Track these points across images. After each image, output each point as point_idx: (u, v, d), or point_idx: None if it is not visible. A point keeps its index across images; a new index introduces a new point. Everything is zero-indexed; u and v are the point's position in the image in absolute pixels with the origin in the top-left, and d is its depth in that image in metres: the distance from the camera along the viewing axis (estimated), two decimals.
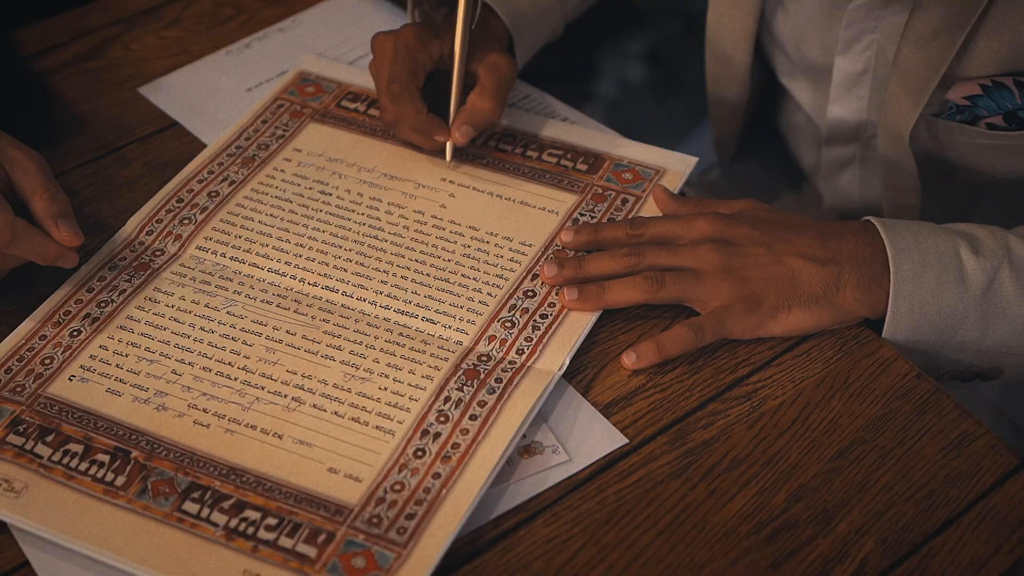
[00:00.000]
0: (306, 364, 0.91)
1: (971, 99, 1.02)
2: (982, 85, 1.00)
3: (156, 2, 1.27)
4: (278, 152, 1.09)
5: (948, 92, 1.02)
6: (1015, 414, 1.19)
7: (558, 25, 1.21)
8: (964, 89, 1.01)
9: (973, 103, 1.02)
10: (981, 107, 1.02)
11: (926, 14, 1.00)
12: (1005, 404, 1.19)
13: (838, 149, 1.21)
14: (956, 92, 1.02)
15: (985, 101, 1.01)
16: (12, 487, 0.84)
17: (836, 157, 1.22)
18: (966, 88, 1.01)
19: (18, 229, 0.92)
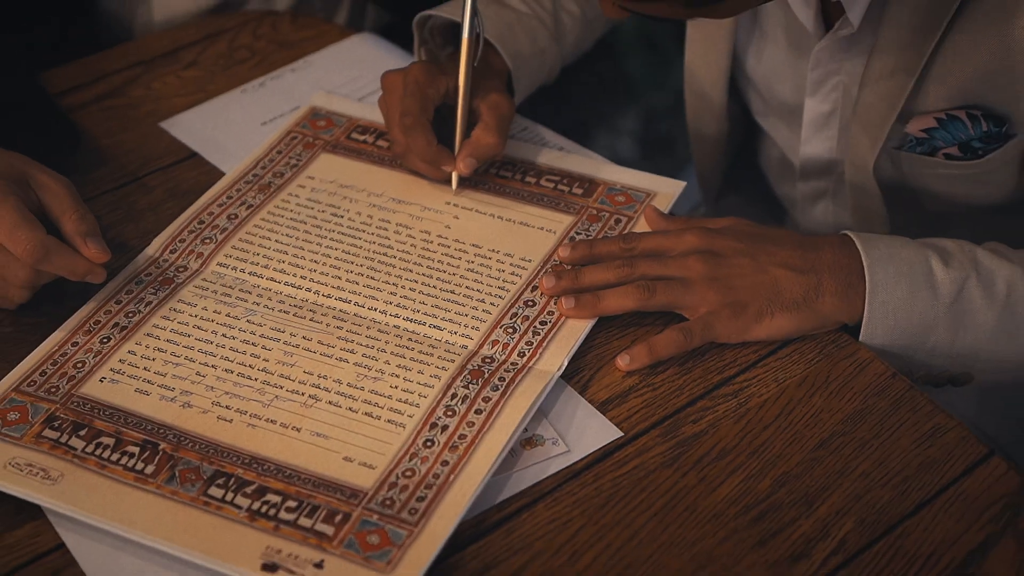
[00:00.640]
0: (322, 365, 0.98)
1: (928, 132, 1.09)
2: (937, 118, 1.08)
3: (175, 45, 1.35)
4: (292, 179, 1.16)
5: (906, 126, 1.10)
6: (989, 428, 1.25)
7: (554, 66, 1.29)
8: (921, 123, 1.09)
9: (930, 135, 1.10)
10: (938, 139, 1.09)
11: (883, 55, 1.08)
12: (980, 417, 1.25)
13: (812, 184, 1.28)
14: (914, 125, 1.10)
15: (941, 133, 1.09)
16: (49, 475, 0.90)
17: (810, 191, 1.29)
18: (923, 122, 1.09)
19: (50, 246, 0.99)
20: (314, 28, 1.38)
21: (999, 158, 1.09)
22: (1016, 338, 1.04)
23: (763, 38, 1.21)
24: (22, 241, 0.97)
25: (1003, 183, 1.13)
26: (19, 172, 1.03)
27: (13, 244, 0.98)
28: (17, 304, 1.03)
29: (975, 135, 1.07)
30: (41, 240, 0.98)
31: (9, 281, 1.01)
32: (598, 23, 1.33)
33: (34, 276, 1.01)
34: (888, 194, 1.18)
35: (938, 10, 1.02)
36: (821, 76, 1.16)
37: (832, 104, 1.18)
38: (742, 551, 0.87)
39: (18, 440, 0.92)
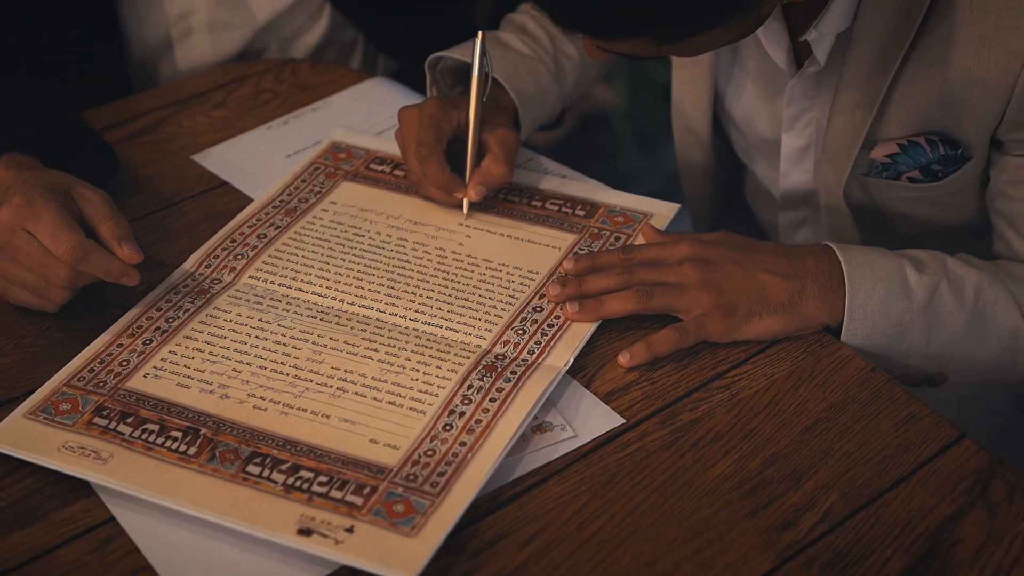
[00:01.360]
0: (348, 361, 1.06)
1: (892, 157, 1.19)
2: (899, 144, 1.18)
3: (204, 88, 1.45)
4: (316, 204, 1.25)
5: (872, 152, 1.20)
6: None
7: (556, 105, 1.39)
8: (885, 149, 1.19)
9: (894, 160, 1.19)
10: (901, 163, 1.19)
11: (848, 90, 1.18)
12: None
13: (791, 213, 1.38)
14: (878, 151, 1.19)
15: (903, 158, 1.19)
16: (100, 456, 0.98)
17: (791, 220, 1.39)
18: (886, 148, 1.19)
19: (89, 248, 1.08)
20: (332, 73, 1.48)
21: (958, 180, 1.18)
22: (985, 339, 1.13)
23: (742, 78, 1.31)
24: (63, 243, 1.06)
25: (965, 205, 1.23)
26: (62, 185, 1.12)
27: (55, 245, 1.07)
28: (58, 305, 1.12)
29: (934, 159, 1.17)
30: (80, 242, 1.07)
31: (51, 281, 1.09)
32: (594, 66, 1.44)
33: (74, 277, 1.09)
34: (860, 218, 1.27)
35: (892, 48, 1.12)
36: (796, 112, 1.26)
37: (807, 138, 1.28)
38: (736, 520, 0.95)
39: (70, 427, 1.00)
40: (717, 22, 0.98)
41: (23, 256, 1.09)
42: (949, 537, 0.94)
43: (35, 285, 1.10)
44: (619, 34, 0.99)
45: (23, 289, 1.11)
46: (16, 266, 1.10)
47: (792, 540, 0.94)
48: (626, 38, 0.99)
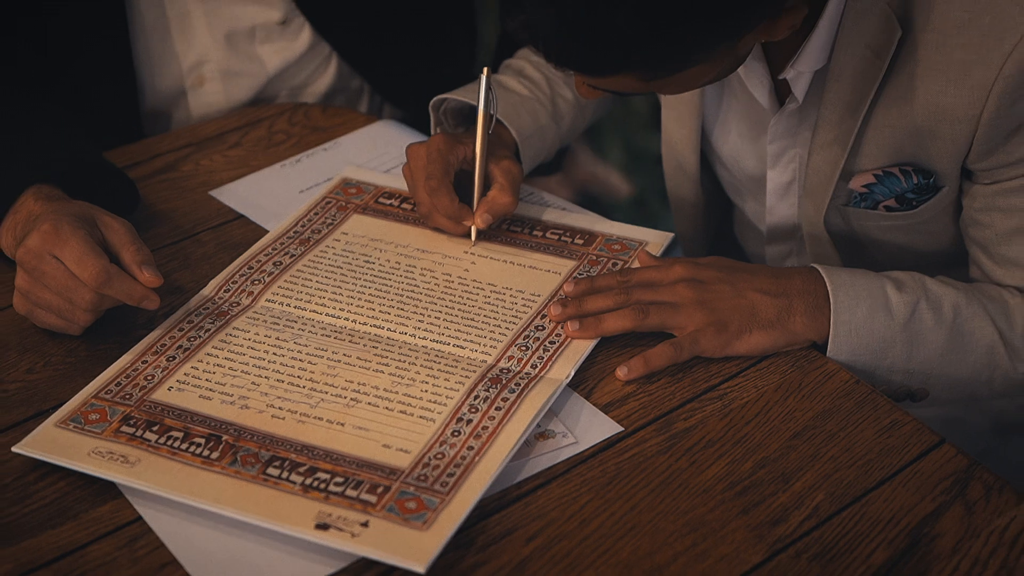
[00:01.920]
0: (361, 375, 1.12)
1: (868, 187, 1.26)
2: (875, 175, 1.25)
3: (220, 130, 1.52)
4: (329, 234, 1.32)
5: (850, 183, 1.27)
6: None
7: (554, 143, 1.46)
8: (862, 179, 1.26)
9: (871, 190, 1.26)
10: (877, 193, 1.26)
11: (825, 126, 1.25)
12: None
13: (778, 246, 1.45)
14: (856, 182, 1.26)
15: (880, 187, 1.26)
16: (127, 460, 1.03)
17: (777, 253, 1.46)
18: (863, 178, 1.26)
19: (112, 273, 1.14)
20: (342, 116, 1.56)
21: (932, 208, 1.25)
22: (964, 356, 1.19)
23: (728, 118, 1.38)
24: (88, 267, 1.13)
25: (940, 233, 1.29)
26: (88, 214, 1.19)
27: (80, 270, 1.13)
28: (81, 328, 1.18)
29: (908, 188, 1.24)
30: (104, 267, 1.13)
31: (76, 304, 1.15)
32: (589, 108, 1.51)
33: (98, 300, 1.15)
34: (842, 247, 1.34)
35: (865, 86, 1.19)
36: (779, 149, 1.33)
37: (791, 174, 1.35)
38: (728, 518, 1.01)
39: (99, 434, 1.06)
40: (698, 60, 1.06)
41: (50, 280, 1.16)
42: (929, 532, 1.00)
43: (61, 308, 1.17)
44: (606, 71, 1.06)
45: (49, 312, 1.18)
46: (43, 290, 1.16)
47: (782, 535, 1.00)
48: (613, 74, 1.06)
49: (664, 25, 1.00)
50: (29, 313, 1.19)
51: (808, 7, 1.12)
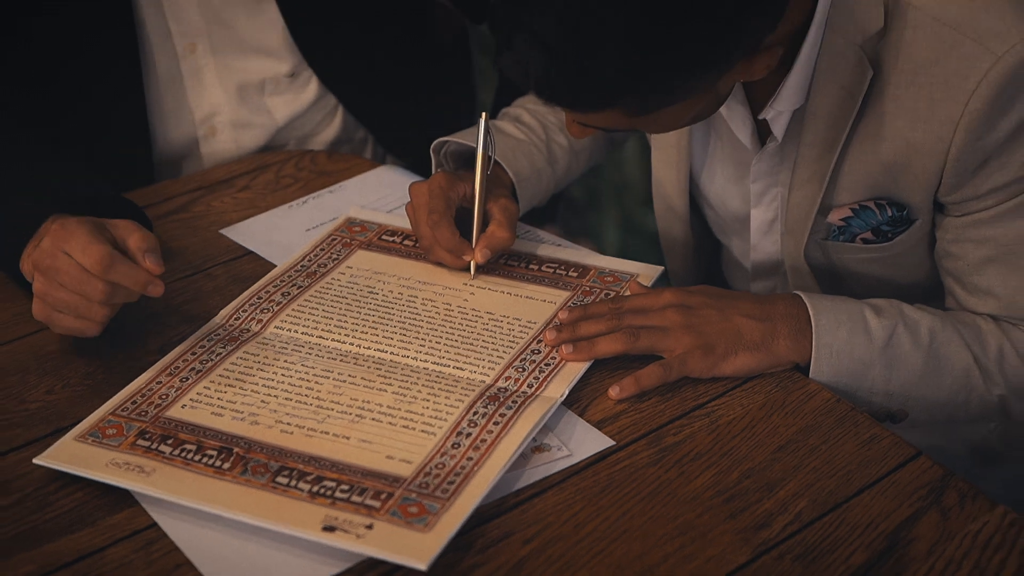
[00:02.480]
0: (365, 393, 1.18)
1: (846, 220, 1.33)
2: (852, 208, 1.32)
3: (230, 174, 1.59)
4: (334, 268, 1.38)
5: (828, 217, 1.33)
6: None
7: (549, 185, 1.53)
8: (839, 213, 1.32)
9: (848, 223, 1.33)
10: (855, 226, 1.33)
11: (804, 164, 1.32)
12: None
13: (762, 282, 1.51)
14: (834, 215, 1.33)
15: (856, 221, 1.32)
16: (143, 470, 1.09)
17: (762, 289, 1.52)
18: (841, 212, 1.32)
19: (116, 258, 1.19)
20: (347, 161, 1.63)
21: (906, 240, 1.32)
22: (941, 379, 1.25)
23: (714, 161, 1.45)
24: (93, 253, 1.18)
25: (915, 265, 1.35)
26: (98, 220, 1.24)
27: (85, 257, 1.18)
28: (98, 325, 1.22)
29: (883, 220, 1.31)
30: (108, 252, 1.19)
31: (89, 296, 1.20)
32: (584, 154, 1.58)
33: (109, 290, 1.19)
34: (823, 280, 1.40)
35: (839, 124, 1.26)
36: (762, 188, 1.40)
37: (774, 212, 1.42)
38: (715, 522, 1.06)
39: (116, 447, 1.12)
40: (680, 96, 1.13)
41: (63, 276, 1.20)
42: (906, 536, 1.05)
43: (76, 305, 1.21)
44: (593, 106, 1.13)
45: (66, 313, 1.22)
46: (59, 288, 1.21)
47: (766, 538, 1.05)
48: (599, 110, 1.13)
49: (646, 62, 1.07)
50: (48, 319, 1.24)
51: (784, 48, 1.19)
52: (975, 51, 1.18)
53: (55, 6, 1.54)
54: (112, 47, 1.57)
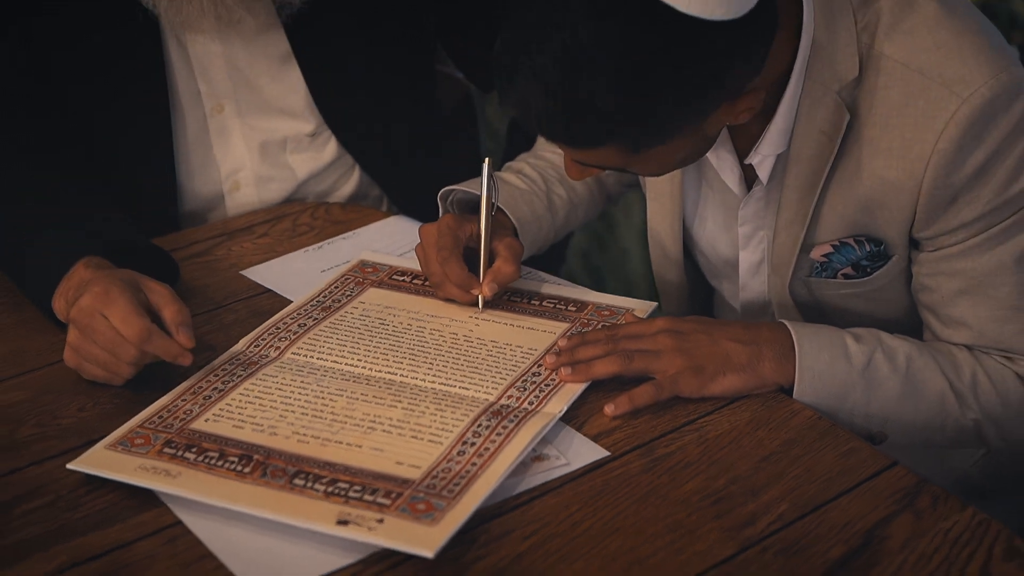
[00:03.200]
0: (376, 409, 1.26)
1: (827, 256, 1.41)
2: (833, 245, 1.40)
3: (250, 222, 1.69)
4: (348, 303, 1.47)
5: (810, 254, 1.42)
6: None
7: (549, 233, 1.62)
8: (821, 250, 1.41)
9: (829, 259, 1.41)
10: (835, 261, 1.42)
11: (787, 207, 1.40)
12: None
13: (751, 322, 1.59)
14: (816, 252, 1.41)
15: (837, 256, 1.41)
16: (169, 473, 1.17)
17: None
18: (822, 249, 1.41)
19: (153, 331, 1.29)
20: (360, 212, 1.73)
21: (884, 275, 1.40)
22: (918, 402, 1.33)
23: (705, 209, 1.54)
24: (132, 326, 1.28)
25: (895, 301, 1.44)
26: (133, 279, 1.34)
27: (125, 328, 1.28)
28: (124, 379, 1.32)
29: (863, 255, 1.39)
30: (146, 326, 1.29)
31: (120, 358, 1.30)
32: (581, 207, 1.67)
33: (139, 356, 1.30)
34: (808, 317, 1.48)
35: (819, 167, 1.35)
36: (749, 231, 1.49)
37: (761, 254, 1.50)
38: (703, 521, 1.14)
39: (144, 454, 1.20)
40: (670, 134, 1.22)
41: (99, 336, 1.30)
42: (881, 533, 1.13)
43: (106, 362, 1.31)
44: (587, 142, 1.22)
45: (96, 365, 1.32)
46: (92, 345, 1.31)
47: (750, 535, 1.12)
48: (594, 146, 1.23)
49: (636, 101, 1.17)
50: (78, 366, 1.34)
51: (766, 93, 1.29)
52: (942, 95, 1.28)
53: (94, 68, 1.65)
54: (145, 106, 1.68)
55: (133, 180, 1.71)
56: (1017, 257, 1.32)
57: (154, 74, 1.67)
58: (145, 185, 1.72)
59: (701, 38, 1.15)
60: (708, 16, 1.14)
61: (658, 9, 1.14)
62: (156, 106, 1.68)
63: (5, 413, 1.30)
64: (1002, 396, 1.34)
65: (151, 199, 1.73)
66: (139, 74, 1.66)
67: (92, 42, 1.65)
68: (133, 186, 1.71)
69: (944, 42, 1.28)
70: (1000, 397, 1.34)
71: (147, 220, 1.69)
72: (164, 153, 1.71)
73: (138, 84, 1.67)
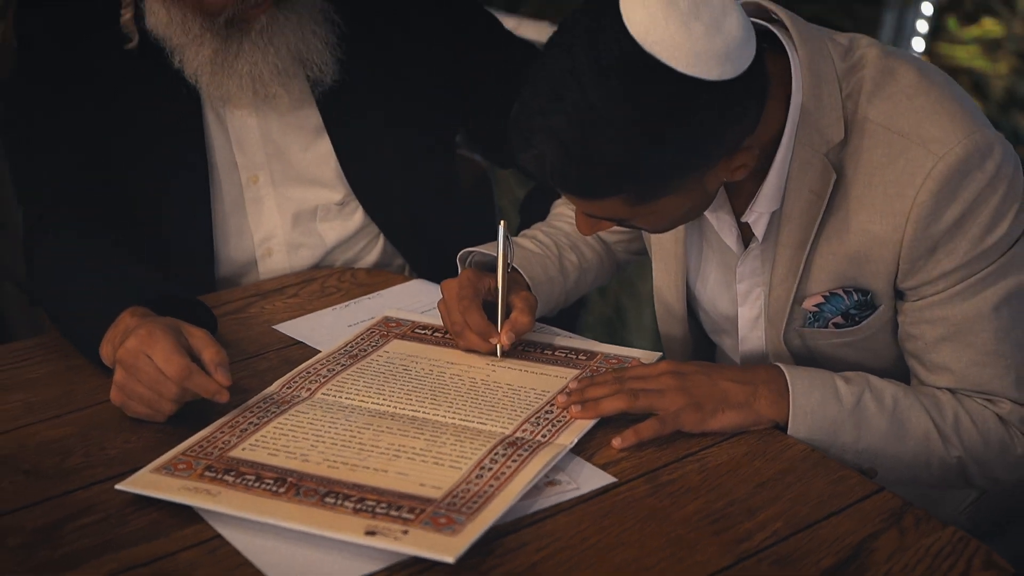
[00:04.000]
0: (401, 439, 1.36)
1: (818, 306, 1.52)
2: (823, 296, 1.51)
3: (281, 284, 1.81)
4: (373, 352, 1.58)
5: (803, 304, 1.53)
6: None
7: (561, 295, 1.73)
8: (813, 300, 1.51)
9: (820, 309, 1.52)
10: (826, 311, 1.52)
11: (781, 262, 1.51)
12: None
13: None
14: (808, 303, 1.52)
15: (828, 307, 1.52)
16: (210, 492, 1.27)
17: None
18: (814, 299, 1.51)
19: (193, 370, 1.40)
20: (384, 276, 1.85)
21: (872, 324, 1.50)
22: (904, 441, 1.42)
23: (706, 268, 1.65)
24: (174, 365, 1.39)
25: (883, 351, 1.54)
26: (175, 324, 1.46)
27: (167, 366, 1.39)
28: (166, 416, 1.42)
29: (851, 304, 1.50)
30: (187, 364, 1.40)
31: (163, 395, 1.41)
32: (591, 272, 1.79)
33: (180, 393, 1.41)
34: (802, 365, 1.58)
35: (809, 224, 1.46)
36: (747, 288, 1.60)
37: (758, 309, 1.61)
38: (702, 537, 1.23)
39: (186, 477, 1.30)
40: (672, 187, 1.34)
41: (143, 375, 1.41)
42: (868, 547, 1.22)
43: (150, 399, 1.42)
44: (598, 193, 1.34)
45: (140, 403, 1.43)
46: (137, 383, 1.42)
47: (746, 548, 1.21)
48: (604, 197, 1.35)
49: (642, 155, 1.29)
50: (123, 404, 1.44)
51: (760, 152, 1.41)
52: (920, 154, 1.39)
53: (140, 141, 1.79)
54: (186, 176, 1.81)
55: (173, 246, 1.83)
56: (994, 305, 1.43)
57: (195, 146, 1.80)
58: (184, 251, 1.84)
59: (700, 96, 1.28)
60: (706, 76, 1.27)
61: (660, 70, 1.26)
62: (196, 176, 1.81)
63: (55, 445, 1.41)
64: (983, 435, 1.44)
65: (189, 264, 1.84)
66: (181, 146, 1.80)
67: (139, 117, 1.78)
68: (172, 251, 1.83)
69: (922, 107, 1.41)
70: (982, 436, 1.44)
71: (184, 284, 1.80)
72: (203, 221, 1.83)
73: (180, 155, 1.80)
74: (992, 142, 1.40)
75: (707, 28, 1.28)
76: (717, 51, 1.28)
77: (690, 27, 1.27)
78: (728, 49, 1.29)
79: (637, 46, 1.27)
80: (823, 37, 1.46)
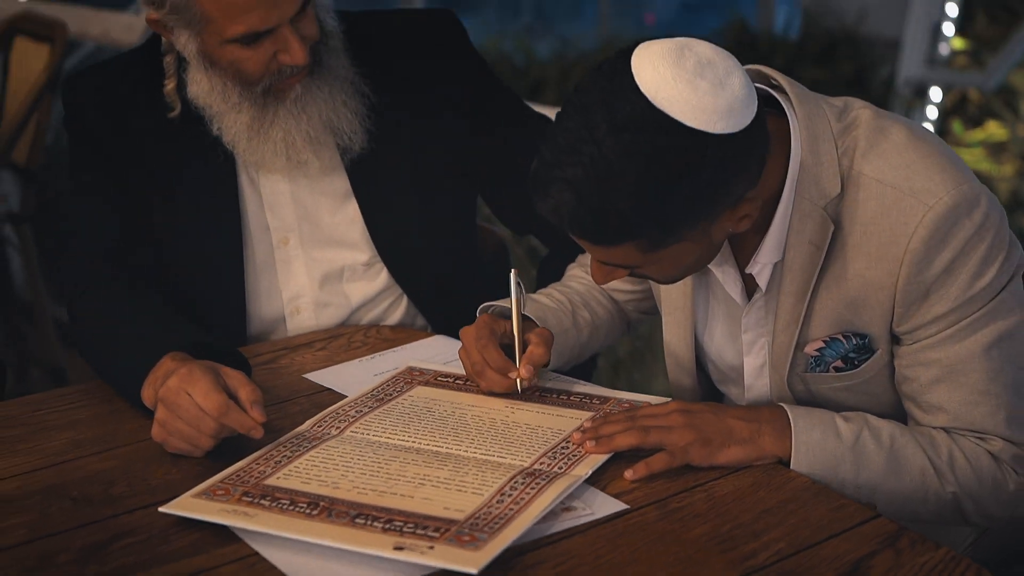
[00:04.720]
0: (426, 470, 1.45)
1: (819, 351, 1.61)
2: (824, 340, 1.60)
3: (310, 340, 1.91)
4: (398, 397, 1.68)
5: (804, 349, 1.62)
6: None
7: (575, 348, 1.82)
8: (814, 345, 1.61)
9: (821, 353, 1.61)
10: (827, 355, 1.61)
11: (783, 311, 1.61)
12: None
13: None
14: (809, 347, 1.61)
15: (828, 351, 1.60)
16: (247, 514, 1.35)
17: None
18: (815, 344, 1.60)
19: (230, 406, 1.50)
20: (407, 332, 1.94)
21: (871, 368, 1.59)
22: (901, 477, 1.50)
23: (713, 322, 1.75)
24: (212, 401, 1.49)
25: (881, 395, 1.62)
26: (213, 366, 1.56)
27: (206, 403, 1.49)
28: (204, 451, 1.52)
29: (850, 348, 1.59)
30: (224, 401, 1.49)
31: (202, 431, 1.50)
32: (603, 328, 1.88)
33: (218, 428, 1.50)
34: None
35: (809, 273, 1.56)
36: (752, 338, 1.69)
37: (763, 358, 1.70)
38: (711, 556, 1.31)
39: (225, 501, 1.38)
40: (681, 235, 1.44)
41: (183, 412, 1.51)
42: (866, 564, 1.29)
43: (190, 435, 1.51)
44: (612, 239, 1.44)
45: (180, 438, 1.52)
46: (177, 420, 1.51)
47: (752, 564, 1.29)
48: (617, 244, 1.45)
49: (652, 201, 1.39)
50: (164, 440, 1.54)
51: (763, 204, 1.52)
52: (912, 204, 1.50)
53: (178, 204, 1.90)
54: (220, 238, 1.91)
55: (206, 303, 1.93)
56: (985, 346, 1.51)
57: (230, 208, 1.91)
58: (216, 308, 1.94)
59: (706, 149, 1.38)
60: (711, 130, 1.38)
61: (669, 125, 1.37)
62: (230, 237, 1.92)
63: (100, 476, 1.50)
64: (977, 472, 1.52)
65: (221, 321, 1.94)
66: (217, 208, 1.91)
67: (179, 180, 1.90)
68: (205, 309, 1.93)
69: (912, 162, 1.51)
70: (975, 473, 1.52)
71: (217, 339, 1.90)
72: (235, 280, 1.93)
73: (215, 217, 1.91)
74: (979, 193, 1.50)
75: (712, 86, 1.39)
76: (721, 107, 1.39)
77: (696, 85, 1.38)
78: (731, 105, 1.40)
79: (648, 103, 1.38)
80: (820, 100, 1.57)
